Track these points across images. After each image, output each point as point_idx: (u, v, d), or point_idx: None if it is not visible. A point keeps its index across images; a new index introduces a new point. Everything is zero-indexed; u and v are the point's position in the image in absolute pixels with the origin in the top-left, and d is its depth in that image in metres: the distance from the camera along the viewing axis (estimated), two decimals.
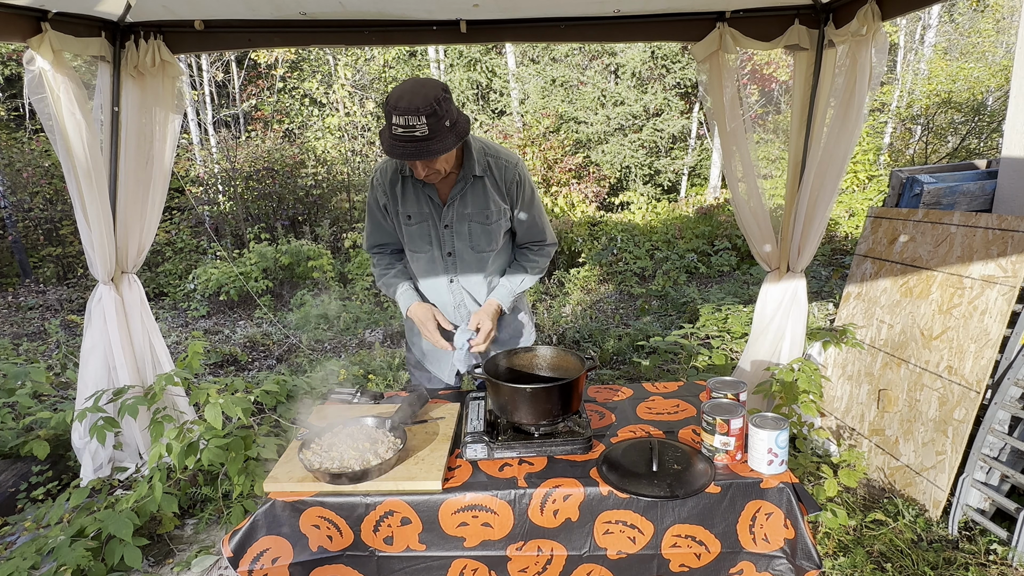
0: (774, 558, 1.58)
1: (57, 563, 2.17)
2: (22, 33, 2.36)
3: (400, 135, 1.73)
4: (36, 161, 8.19)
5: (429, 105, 1.70)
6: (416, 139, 1.73)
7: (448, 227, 2.06)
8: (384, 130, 1.80)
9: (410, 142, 1.74)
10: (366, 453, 1.65)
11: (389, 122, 1.73)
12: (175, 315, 6.74)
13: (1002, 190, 3.23)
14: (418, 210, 2.05)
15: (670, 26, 2.77)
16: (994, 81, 10.01)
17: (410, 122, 1.70)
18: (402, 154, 1.76)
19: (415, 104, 1.70)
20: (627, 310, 6.30)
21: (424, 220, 2.06)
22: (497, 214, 2.07)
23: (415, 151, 1.75)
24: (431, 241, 2.09)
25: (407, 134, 1.72)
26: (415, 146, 1.74)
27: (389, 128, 1.75)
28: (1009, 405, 2.45)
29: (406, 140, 1.74)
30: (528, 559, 1.59)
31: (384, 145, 1.80)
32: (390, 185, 2.05)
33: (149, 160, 2.84)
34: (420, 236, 2.08)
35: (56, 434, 3.07)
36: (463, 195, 2.03)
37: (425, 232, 2.07)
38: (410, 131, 1.71)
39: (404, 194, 2.05)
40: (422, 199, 2.05)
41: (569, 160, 9.79)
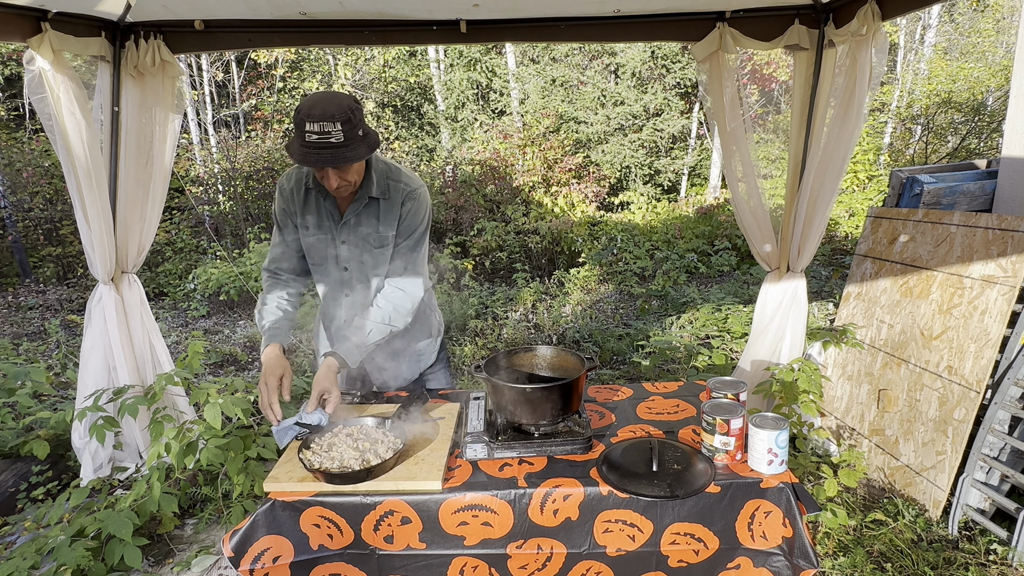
0: (771, 555, 1.59)
1: (57, 563, 2.17)
2: (22, 33, 2.36)
3: (315, 142, 1.70)
4: (36, 161, 8.20)
5: (343, 112, 1.70)
6: (332, 145, 1.71)
7: (345, 243, 2.02)
8: (294, 141, 1.75)
9: (325, 148, 1.71)
10: (366, 453, 1.65)
11: (301, 131, 1.70)
12: (175, 315, 6.74)
13: (1002, 190, 3.23)
14: (317, 222, 2.01)
15: (670, 26, 2.78)
16: (994, 81, 10.02)
17: (325, 128, 1.69)
18: (317, 161, 1.72)
19: (329, 111, 1.69)
20: (627, 310, 6.30)
21: (322, 233, 2.02)
22: (386, 241, 2.01)
23: (331, 157, 1.72)
24: (327, 255, 2.05)
25: (322, 140, 1.70)
26: (331, 152, 1.71)
27: (301, 137, 1.71)
28: (1009, 405, 2.45)
29: (321, 147, 1.71)
30: (528, 557, 1.59)
31: (295, 155, 1.74)
32: (292, 194, 2.00)
33: (149, 160, 2.84)
34: (317, 248, 2.05)
35: (56, 434, 3.07)
36: (358, 214, 1.99)
37: (322, 245, 2.04)
38: (325, 137, 1.69)
39: (306, 205, 2.01)
40: (323, 212, 2.00)
41: (569, 160, 9.79)
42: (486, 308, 6.28)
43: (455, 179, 9.75)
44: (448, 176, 10.04)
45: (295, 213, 2.02)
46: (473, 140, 11.23)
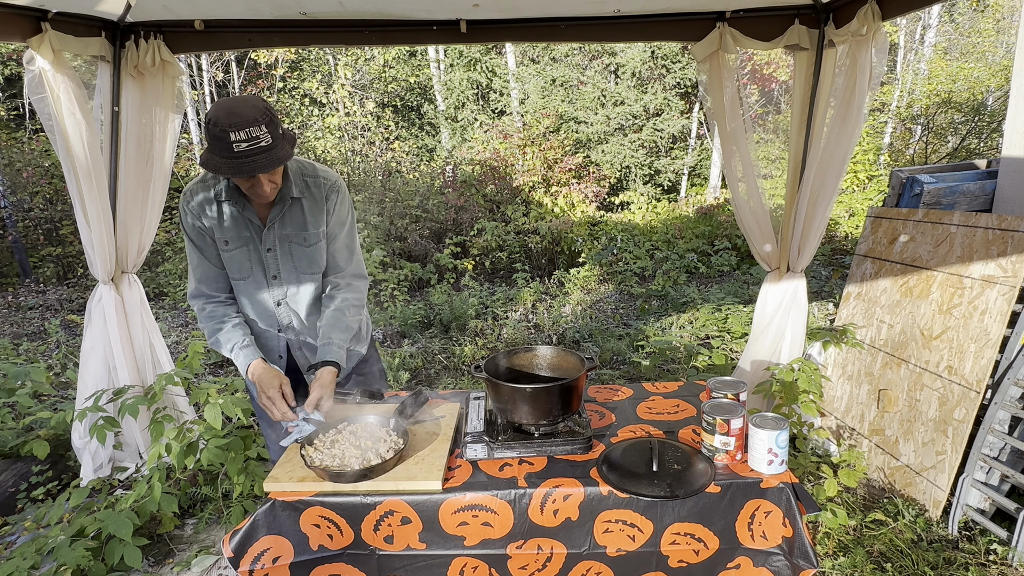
0: (771, 554, 1.59)
1: (57, 563, 2.17)
2: (22, 33, 2.36)
3: (245, 150, 1.62)
4: (36, 161, 8.20)
5: (264, 113, 1.65)
6: (262, 150, 1.64)
7: (271, 250, 1.94)
8: (213, 155, 1.65)
9: (258, 154, 1.64)
10: (367, 452, 1.66)
11: (225, 142, 1.61)
12: (175, 315, 6.74)
13: (1002, 190, 3.23)
14: (236, 234, 1.91)
15: (670, 26, 2.78)
16: (994, 81, 10.01)
17: (253, 133, 1.62)
18: (252, 169, 1.64)
19: (251, 115, 1.62)
20: (627, 310, 6.30)
21: (244, 244, 1.92)
22: (317, 236, 1.97)
23: (265, 162, 1.65)
24: (253, 266, 1.95)
25: (252, 147, 1.62)
26: (264, 157, 1.65)
27: (227, 148, 1.61)
28: (1009, 405, 2.45)
29: (253, 153, 1.63)
30: (528, 557, 1.59)
31: (223, 168, 1.64)
32: (203, 210, 1.88)
33: (149, 160, 2.84)
34: (240, 261, 1.94)
35: (56, 434, 3.07)
36: (282, 217, 1.92)
37: (246, 257, 1.94)
38: (255, 143, 1.62)
39: (220, 218, 1.89)
40: (241, 222, 1.90)
41: (569, 160, 9.79)
42: (486, 308, 6.28)
43: (455, 179, 9.75)
44: (448, 176, 10.04)
45: (211, 229, 1.90)
46: (473, 140, 11.23)
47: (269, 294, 1.99)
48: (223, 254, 1.93)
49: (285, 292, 2.00)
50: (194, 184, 1.91)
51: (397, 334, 5.62)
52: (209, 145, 1.66)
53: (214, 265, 1.95)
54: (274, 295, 1.99)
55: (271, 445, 2.23)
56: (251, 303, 2.00)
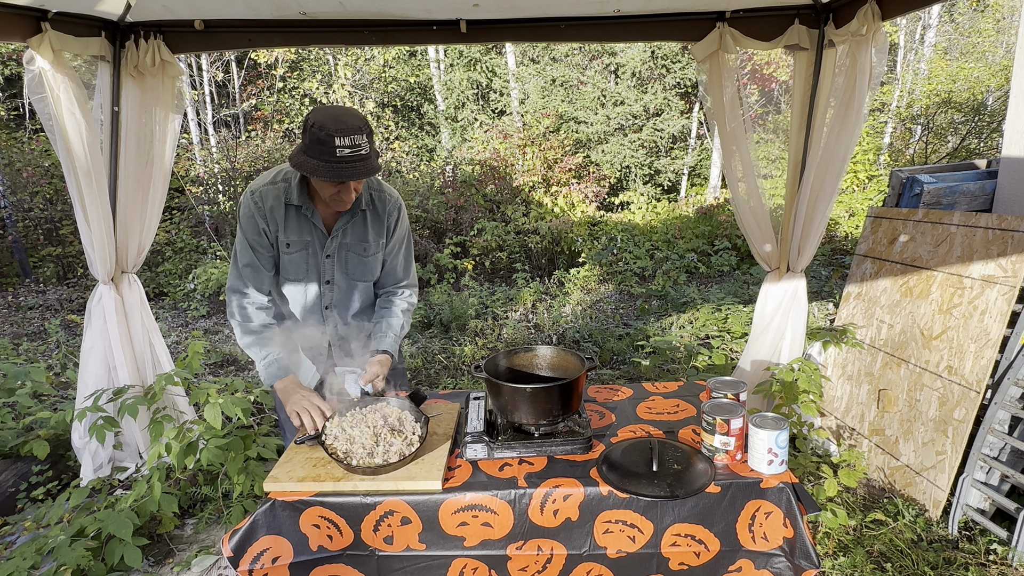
0: (772, 556, 1.59)
1: (57, 563, 2.17)
2: (22, 33, 2.36)
3: (347, 156, 1.71)
4: (36, 161, 8.19)
5: (366, 125, 1.75)
6: (362, 158, 1.73)
7: (329, 257, 2.03)
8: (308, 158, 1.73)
9: (358, 161, 1.73)
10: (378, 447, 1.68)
11: (328, 146, 1.69)
12: (175, 315, 6.74)
13: (1002, 190, 3.23)
14: (299, 238, 1.99)
15: (670, 26, 2.77)
16: (994, 81, 10.01)
17: (356, 141, 1.71)
18: (350, 175, 1.73)
19: (354, 124, 1.71)
20: (627, 310, 6.30)
21: (305, 248, 2.01)
22: (376, 248, 2.07)
23: (363, 170, 1.74)
24: (308, 269, 2.04)
25: (353, 154, 1.71)
26: (362, 165, 1.74)
27: (330, 152, 1.69)
28: (1009, 405, 2.45)
29: (353, 160, 1.72)
30: (528, 558, 1.59)
31: (320, 171, 1.71)
32: (271, 212, 1.95)
33: (149, 160, 2.84)
34: (299, 263, 2.02)
35: (56, 434, 3.07)
36: (345, 227, 2.02)
37: (304, 260, 2.02)
38: (356, 150, 1.72)
39: (287, 222, 1.97)
40: (306, 227, 1.99)
41: (569, 160, 9.79)
42: (486, 308, 6.28)
43: (455, 179, 9.75)
44: (448, 176, 10.04)
45: (275, 230, 1.96)
46: (473, 140, 11.23)
47: (320, 297, 2.09)
48: (283, 255, 2.00)
49: (334, 297, 2.10)
50: (264, 186, 1.95)
51: None
52: (307, 147, 1.73)
53: (263, 266, 1.99)
54: (324, 299, 2.09)
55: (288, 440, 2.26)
56: (300, 303, 2.09)
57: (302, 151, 1.76)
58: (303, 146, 1.76)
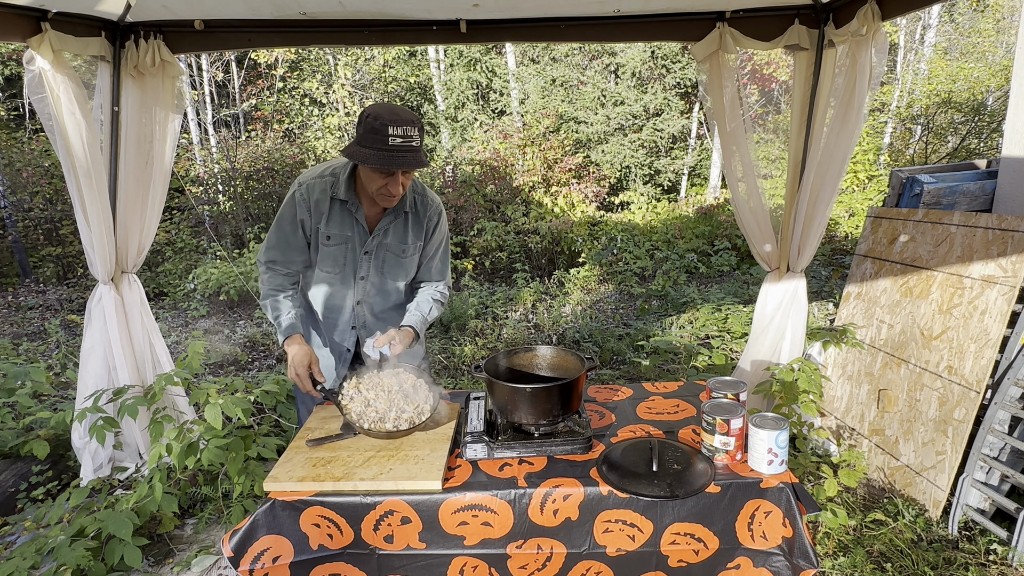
0: (771, 555, 1.59)
1: (57, 563, 2.17)
2: (22, 33, 2.36)
3: (398, 145, 1.78)
4: (36, 161, 8.19)
5: (419, 119, 1.83)
6: (413, 149, 1.81)
7: (368, 254, 2.08)
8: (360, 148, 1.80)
9: (408, 152, 1.80)
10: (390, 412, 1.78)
11: (382, 135, 1.76)
12: (175, 315, 6.74)
13: (1002, 190, 3.23)
14: (340, 232, 2.04)
15: (670, 26, 2.77)
16: (994, 81, 10.01)
17: (408, 132, 1.78)
18: (401, 164, 1.79)
19: (407, 117, 1.79)
20: (627, 310, 6.30)
21: (344, 243, 2.06)
22: (413, 249, 2.13)
23: (414, 160, 1.81)
24: (345, 264, 2.09)
25: (405, 144, 1.79)
26: (413, 156, 1.81)
27: (381, 141, 1.77)
28: (1009, 405, 2.45)
29: (404, 150, 1.79)
30: (528, 557, 1.59)
31: (371, 159, 1.78)
32: (315, 204, 2.01)
33: (149, 160, 2.84)
34: (336, 257, 2.07)
35: (56, 434, 3.07)
36: (387, 227, 2.08)
37: (341, 254, 2.07)
38: (408, 141, 1.79)
39: (331, 215, 2.03)
40: (347, 222, 2.04)
41: (569, 160, 9.78)
42: (486, 308, 6.28)
43: (455, 179, 9.75)
44: (448, 176, 10.03)
45: (316, 222, 2.03)
46: (473, 140, 11.22)
47: (352, 292, 2.14)
48: (322, 247, 2.07)
49: (366, 293, 2.14)
50: (313, 178, 2.03)
51: None
52: (361, 137, 1.81)
53: (293, 251, 2.07)
54: (356, 294, 2.14)
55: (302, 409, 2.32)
56: (332, 296, 2.14)
57: (356, 142, 1.84)
58: (357, 137, 1.84)
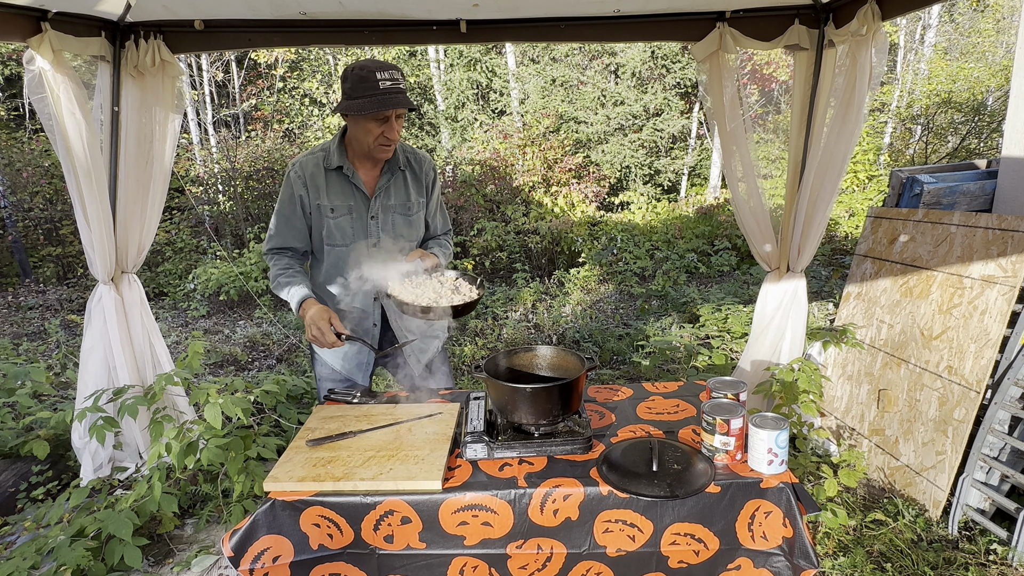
0: (772, 555, 1.59)
1: (57, 563, 2.17)
2: (22, 33, 2.36)
3: (389, 87, 1.87)
4: (36, 161, 8.19)
5: (397, 66, 1.94)
6: (401, 90, 1.91)
7: (375, 218, 2.13)
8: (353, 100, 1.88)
9: (399, 92, 1.90)
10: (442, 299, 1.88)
11: (371, 81, 1.86)
12: (175, 315, 6.74)
13: (1002, 190, 3.23)
14: (343, 202, 2.09)
15: (670, 26, 2.77)
16: (994, 81, 10.01)
17: (394, 76, 1.89)
18: (396, 103, 1.88)
19: (389, 63, 1.91)
20: (627, 310, 6.30)
21: (349, 212, 2.11)
22: (417, 206, 2.20)
23: (404, 100, 1.90)
24: (354, 233, 2.13)
25: (395, 87, 1.89)
26: (403, 96, 1.90)
27: (373, 86, 1.86)
28: (1009, 405, 2.45)
29: (395, 91, 1.89)
30: (528, 557, 1.59)
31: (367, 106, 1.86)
32: (311, 179, 2.07)
33: (149, 160, 2.84)
34: (344, 228, 2.11)
35: (56, 434, 3.07)
36: (387, 187, 2.12)
37: (349, 224, 2.12)
38: (396, 83, 1.89)
39: (329, 187, 2.08)
40: (347, 190, 2.09)
41: (569, 160, 9.78)
42: (486, 308, 6.28)
43: (455, 179, 9.75)
44: (448, 176, 10.04)
45: (315, 197, 2.07)
46: (473, 140, 11.22)
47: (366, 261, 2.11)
48: (327, 221, 2.10)
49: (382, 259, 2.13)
50: (304, 157, 2.10)
51: None
52: (350, 91, 1.90)
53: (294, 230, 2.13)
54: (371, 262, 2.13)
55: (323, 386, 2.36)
56: (349, 270, 2.14)
57: (345, 98, 1.91)
58: (345, 94, 1.91)
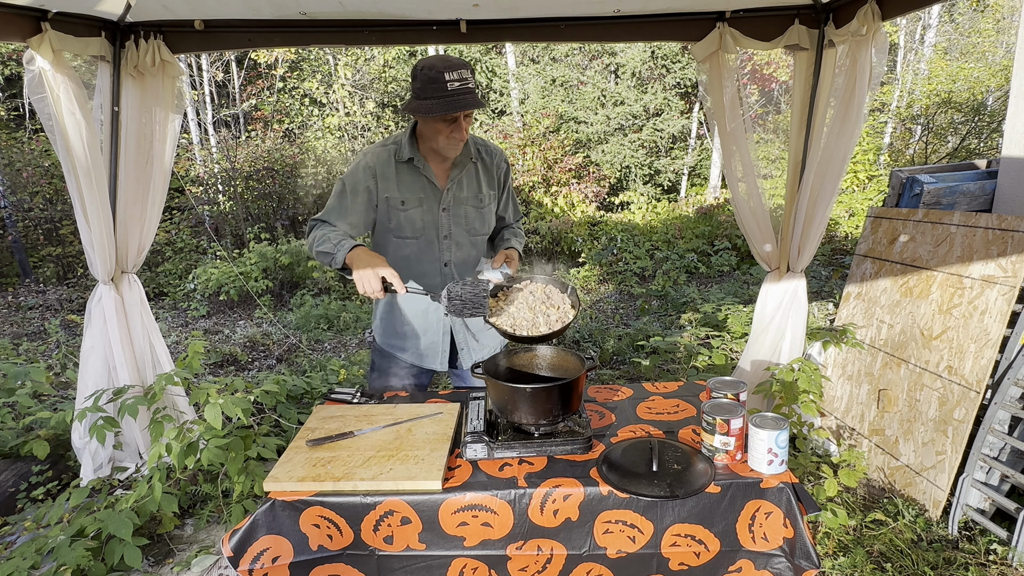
0: (773, 556, 1.58)
1: (57, 563, 2.17)
2: (22, 33, 2.36)
3: (457, 88, 1.84)
4: (36, 161, 8.19)
5: (468, 64, 1.87)
6: (470, 91, 1.87)
7: (446, 210, 2.11)
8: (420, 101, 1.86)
9: (468, 93, 1.86)
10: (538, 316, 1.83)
11: (439, 82, 1.82)
12: (175, 315, 6.74)
13: (1002, 190, 3.23)
14: (413, 195, 2.08)
15: (670, 26, 2.77)
16: (994, 81, 10.01)
17: (463, 75, 1.85)
18: (463, 105, 1.85)
19: (459, 61, 1.85)
20: (627, 310, 6.30)
21: (420, 204, 2.09)
22: (488, 199, 2.18)
23: (474, 100, 1.87)
24: (425, 226, 2.11)
25: (463, 87, 1.85)
26: (472, 96, 1.87)
27: (441, 87, 1.82)
28: (1009, 405, 2.45)
29: (464, 92, 1.85)
30: (528, 558, 1.59)
31: (435, 108, 1.84)
32: (382, 172, 2.05)
33: (149, 160, 2.84)
34: (414, 220, 2.09)
35: (56, 434, 3.07)
36: (459, 179, 2.11)
37: (419, 217, 2.10)
38: (465, 83, 1.85)
39: (400, 179, 2.06)
40: (419, 183, 2.08)
41: (569, 160, 9.79)
42: None
43: None
44: None
45: (385, 190, 2.05)
46: None
47: (438, 254, 2.14)
48: (398, 214, 2.08)
49: (453, 252, 2.15)
50: (377, 147, 2.09)
51: None
52: (418, 91, 1.87)
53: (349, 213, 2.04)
54: (443, 256, 2.15)
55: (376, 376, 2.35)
56: (417, 263, 2.13)
57: (414, 97, 1.89)
58: (414, 93, 1.89)
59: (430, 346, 2.27)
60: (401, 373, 2.32)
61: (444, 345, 2.26)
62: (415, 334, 2.26)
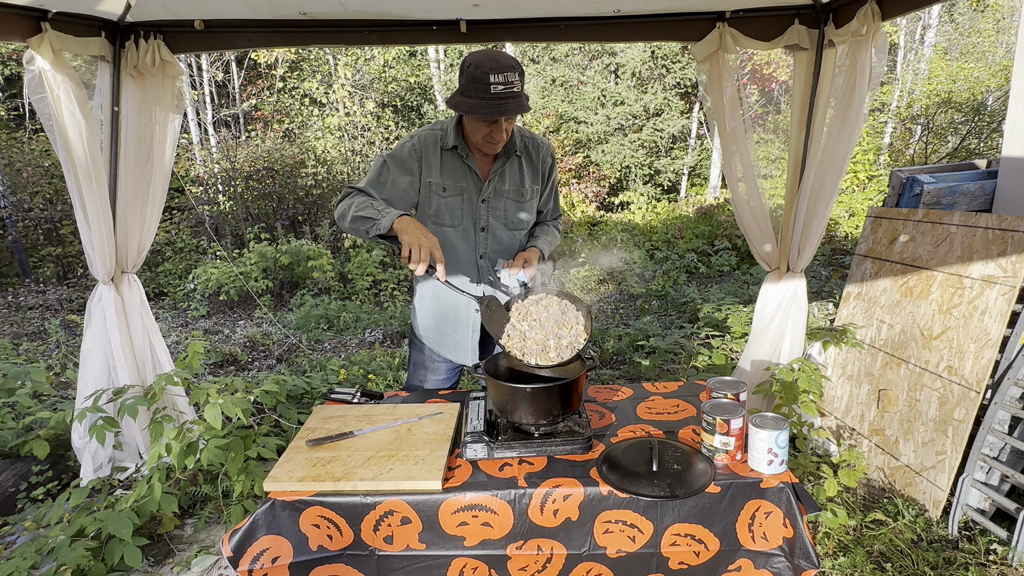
0: (772, 556, 1.58)
1: (57, 563, 2.17)
2: (22, 33, 2.36)
3: (500, 92, 1.78)
4: (36, 161, 8.19)
5: (518, 65, 1.82)
6: (515, 94, 1.81)
7: (485, 202, 2.08)
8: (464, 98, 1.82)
9: (511, 98, 1.80)
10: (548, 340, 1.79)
11: (483, 83, 1.77)
12: (175, 315, 6.74)
13: (1002, 190, 3.23)
14: (455, 183, 2.04)
15: (670, 26, 2.78)
16: (994, 81, 10.01)
17: (509, 78, 1.79)
18: (503, 110, 1.80)
19: (508, 62, 1.79)
20: (627, 310, 6.30)
21: (460, 193, 2.05)
22: (531, 193, 2.14)
23: (516, 106, 1.81)
24: (464, 215, 2.08)
25: (508, 91, 1.79)
26: (514, 101, 1.81)
27: (484, 89, 1.78)
28: (1009, 405, 2.45)
29: (506, 97, 1.79)
30: (528, 558, 1.59)
31: (475, 108, 1.80)
32: (427, 155, 2.02)
33: (149, 160, 2.84)
34: (454, 208, 2.06)
35: (56, 434, 3.07)
36: (501, 171, 2.08)
37: (459, 205, 2.06)
38: (510, 87, 1.80)
39: (443, 166, 2.03)
40: (461, 172, 2.05)
41: (569, 160, 9.80)
42: None
43: None
44: None
45: (427, 175, 2.02)
46: None
47: (474, 245, 2.11)
48: (438, 199, 2.05)
49: (489, 245, 2.12)
50: (425, 131, 2.06)
51: (397, 334, 5.62)
52: (463, 87, 1.83)
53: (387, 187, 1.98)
54: (479, 247, 2.11)
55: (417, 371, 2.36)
56: (453, 253, 2.10)
57: (458, 92, 1.85)
58: (460, 88, 1.85)
59: (460, 341, 2.26)
60: (434, 367, 2.33)
61: (473, 341, 2.24)
62: (448, 329, 2.25)
